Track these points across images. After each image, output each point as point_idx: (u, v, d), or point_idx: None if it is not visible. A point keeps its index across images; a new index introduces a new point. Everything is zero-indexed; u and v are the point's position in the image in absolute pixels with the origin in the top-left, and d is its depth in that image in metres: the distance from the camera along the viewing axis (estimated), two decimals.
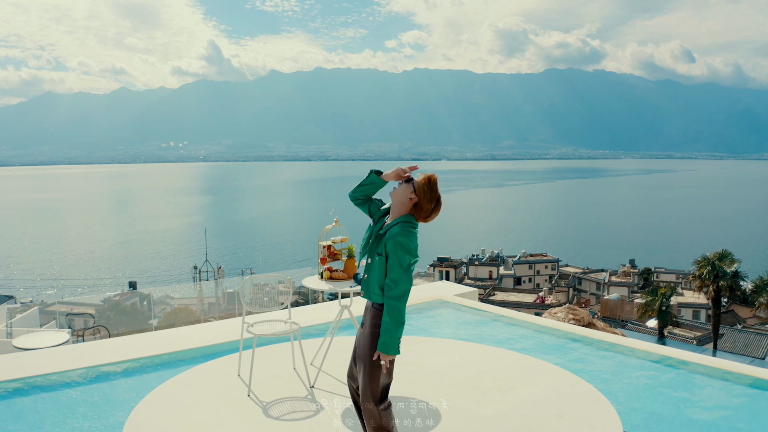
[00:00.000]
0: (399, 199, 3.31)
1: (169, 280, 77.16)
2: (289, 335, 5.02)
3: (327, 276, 5.07)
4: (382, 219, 3.52)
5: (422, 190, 3.27)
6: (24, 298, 53.64)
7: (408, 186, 3.29)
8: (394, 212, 3.36)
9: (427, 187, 3.27)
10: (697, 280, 25.92)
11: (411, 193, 3.29)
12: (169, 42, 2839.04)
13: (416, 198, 3.28)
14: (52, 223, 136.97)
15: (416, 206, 3.30)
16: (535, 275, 58.60)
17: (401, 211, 3.33)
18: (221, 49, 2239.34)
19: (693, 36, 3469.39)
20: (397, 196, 3.32)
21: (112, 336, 9.42)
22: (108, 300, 47.88)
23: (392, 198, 3.37)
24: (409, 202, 3.29)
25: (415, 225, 3.32)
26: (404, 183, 3.32)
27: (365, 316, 3.47)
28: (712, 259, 26.04)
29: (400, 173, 3.34)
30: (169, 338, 6.51)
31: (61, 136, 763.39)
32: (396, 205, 3.34)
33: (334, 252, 5.28)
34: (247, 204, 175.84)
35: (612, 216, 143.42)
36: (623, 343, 6.16)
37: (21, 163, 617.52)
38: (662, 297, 25.11)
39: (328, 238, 5.34)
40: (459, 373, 5.41)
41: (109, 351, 5.97)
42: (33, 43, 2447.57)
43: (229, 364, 5.60)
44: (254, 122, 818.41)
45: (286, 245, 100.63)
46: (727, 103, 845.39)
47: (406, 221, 3.27)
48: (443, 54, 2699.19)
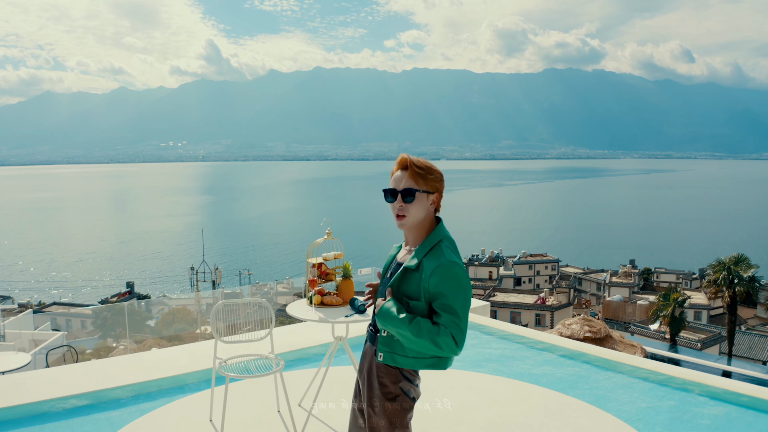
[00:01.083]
0: (416, 219, 2.40)
1: (167, 281, 76.93)
2: (273, 373, 4.20)
3: (317, 301, 4.20)
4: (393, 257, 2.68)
5: (435, 179, 2.40)
6: (21, 299, 53.39)
7: (421, 195, 2.38)
8: (415, 233, 2.45)
9: (432, 173, 2.40)
10: (712, 285, 24.43)
11: (429, 197, 2.41)
12: (168, 41, 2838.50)
13: (438, 196, 2.43)
14: (51, 222, 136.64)
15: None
16: (535, 275, 58.37)
17: (424, 225, 2.44)
18: (220, 49, 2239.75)
19: (692, 36, 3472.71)
20: (414, 216, 2.39)
21: (80, 360, 8.59)
22: (105, 301, 47.52)
23: (405, 223, 2.43)
24: (431, 208, 2.43)
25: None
26: (413, 196, 2.39)
27: (371, 369, 2.52)
28: (728, 263, 24.50)
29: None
30: (138, 364, 5.70)
31: (60, 136, 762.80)
32: (413, 226, 2.43)
33: (327, 271, 4.40)
34: (246, 204, 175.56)
35: (611, 216, 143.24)
36: (669, 372, 5.21)
37: (20, 163, 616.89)
38: (675, 303, 23.89)
39: (319, 254, 4.45)
40: (479, 418, 4.54)
41: (67, 381, 5.13)
42: (32, 42, 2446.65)
43: (201, 404, 4.78)
44: (253, 122, 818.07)
45: (286, 245, 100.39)
46: (727, 103, 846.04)
47: (444, 237, 2.40)
48: (442, 53, 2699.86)
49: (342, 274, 4.38)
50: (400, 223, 2.39)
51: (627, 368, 5.43)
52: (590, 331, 6.36)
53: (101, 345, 17.52)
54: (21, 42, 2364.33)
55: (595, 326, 6.38)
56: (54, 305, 44.84)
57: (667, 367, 5.36)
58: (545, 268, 59.14)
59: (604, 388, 5.15)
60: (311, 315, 4.07)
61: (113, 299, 43.11)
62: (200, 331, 16.84)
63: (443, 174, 2.41)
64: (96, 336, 18.12)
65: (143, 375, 5.28)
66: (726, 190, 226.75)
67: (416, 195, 2.34)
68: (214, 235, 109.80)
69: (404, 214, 2.36)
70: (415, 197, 2.34)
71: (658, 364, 5.51)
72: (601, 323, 6.46)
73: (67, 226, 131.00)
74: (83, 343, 18.42)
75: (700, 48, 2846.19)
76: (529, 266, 58.86)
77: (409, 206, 2.35)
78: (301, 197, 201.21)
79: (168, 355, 6.02)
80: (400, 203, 2.36)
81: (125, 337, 19.30)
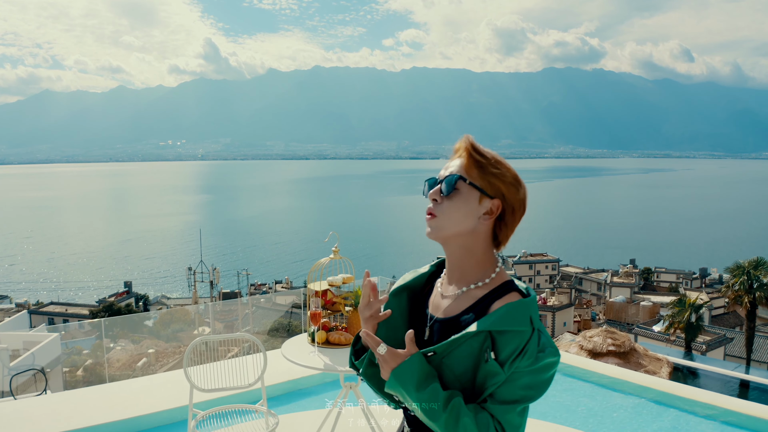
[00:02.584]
0: (453, 227, 1.45)
1: (165, 281, 76.66)
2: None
3: (322, 339, 3.36)
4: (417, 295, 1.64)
5: (500, 176, 1.45)
6: (19, 299, 53.13)
7: (470, 191, 1.44)
8: (460, 260, 1.50)
9: (498, 167, 1.45)
10: (730, 290, 23.46)
11: (484, 200, 1.45)
12: (167, 40, 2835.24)
13: (500, 205, 1.45)
14: (49, 221, 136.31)
15: (501, 221, 1.48)
16: (536, 275, 58.14)
17: (474, 251, 1.48)
18: (219, 48, 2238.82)
19: (692, 35, 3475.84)
20: (450, 220, 1.46)
21: (50, 383, 7.74)
22: (103, 301, 47.25)
23: (434, 227, 1.48)
24: (485, 223, 1.46)
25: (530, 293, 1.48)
26: (454, 186, 1.46)
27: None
28: (747, 268, 23.48)
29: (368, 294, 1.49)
30: (105, 398, 4.93)
31: (58, 135, 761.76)
32: (453, 242, 1.49)
33: (333, 300, 3.52)
34: (245, 203, 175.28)
35: (611, 215, 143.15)
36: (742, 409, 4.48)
37: (19, 162, 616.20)
38: (690, 308, 23.10)
39: (324, 277, 3.51)
40: None
41: (17, 421, 4.39)
42: (30, 41, 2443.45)
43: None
44: (252, 121, 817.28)
45: (285, 245, 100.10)
46: (726, 102, 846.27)
47: (517, 289, 1.44)
48: (441, 52, 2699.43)
49: (353, 303, 3.47)
50: (429, 225, 1.48)
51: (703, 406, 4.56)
52: (614, 344, 5.88)
53: (98, 345, 17.29)
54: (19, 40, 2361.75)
55: (619, 339, 5.88)
56: (51, 305, 44.61)
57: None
58: (545, 268, 58.94)
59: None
60: (313, 360, 3.22)
61: (111, 299, 42.88)
62: (198, 332, 16.61)
63: (523, 184, 1.46)
64: (93, 336, 17.88)
65: (109, 413, 4.52)
66: (725, 190, 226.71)
67: (459, 186, 1.43)
68: (213, 234, 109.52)
69: (434, 213, 1.46)
70: (457, 189, 1.43)
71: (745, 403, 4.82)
72: (624, 335, 6.00)
73: (66, 225, 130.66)
74: (80, 343, 18.14)
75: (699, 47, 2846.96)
76: (530, 266, 58.64)
77: (445, 202, 1.45)
78: (300, 196, 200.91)
79: (139, 388, 5.25)
80: (435, 194, 1.47)
81: (123, 338, 19.07)
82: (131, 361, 16.95)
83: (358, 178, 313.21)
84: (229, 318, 20.48)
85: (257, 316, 19.11)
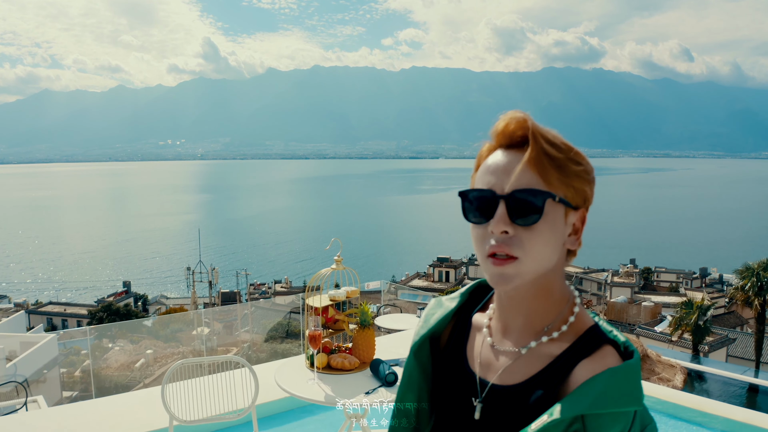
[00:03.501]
0: (539, 266, 0.91)
1: (164, 281, 76.52)
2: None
3: (322, 364, 2.87)
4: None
5: (585, 173, 0.96)
6: (18, 299, 52.98)
7: (556, 210, 0.90)
8: (524, 301, 0.97)
9: (581, 161, 0.96)
10: (740, 292, 22.83)
11: (569, 215, 0.93)
12: (166, 39, 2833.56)
13: (585, 217, 0.97)
14: (49, 221, 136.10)
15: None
16: None
17: (549, 288, 0.97)
18: (218, 47, 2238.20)
19: (692, 35, 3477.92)
20: (538, 259, 0.90)
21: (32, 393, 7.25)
22: (102, 300, 47.11)
23: (517, 274, 0.90)
24: (569, 245, 0.97)
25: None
26: (541, 210, 0.90)
27: None
28: (757, 269, 22.80)
29: None
30: (81, 417, 4.49)
31: (57, 134, 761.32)
32: (528, 296, 0.97)
33: (335, 318, 3.08)
34: (245, 202, 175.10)
35: (611, 215, 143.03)
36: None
37: (18, 161, 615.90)
38: (699, 310, 22.71)
39: (325, 290, 3.08)
40: None
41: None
42: (29, 40, 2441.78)
43: None
44: (252, 120, 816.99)
45: (284, 245, 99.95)
46: (726, 102, 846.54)
47: (599, 333, 0.94)
48: (440, 52, 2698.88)
49: (359, 320, 2.95)
50: (501, 272, 0.89)
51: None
52: None
53: (97, 346, 17.17)
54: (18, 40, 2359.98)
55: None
56: (50, 305, 44.48)
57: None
58: None
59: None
60: (312, 390, 2.70)
61: (110, 299, 42.72)
62: (197, 332, 16.49)
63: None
64: (92, 336, 17.77)
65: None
66: (725, 190, 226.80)
67: (546, 208, 0.89)
68: (212, 234, 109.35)
69: (513, 254, 0.88)
70: (544, 213, 0.89)
71: None
72: (636, 341, 5.72)
73: (65, 224, 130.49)
74: (78, 343, 18.00)
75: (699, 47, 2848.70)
76: None
77: (524, 233, 0.89)
78: (299, 196, 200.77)
79: (121, 404, 4.84)
80: (506, 224, 0.88)
81: (122, 338, 18.95)
82: (130, 362, 16.84)
83: (357, 177, 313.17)
84: (228, 318, 20.37)
85: (256, 316, 19.00)
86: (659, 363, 5.50)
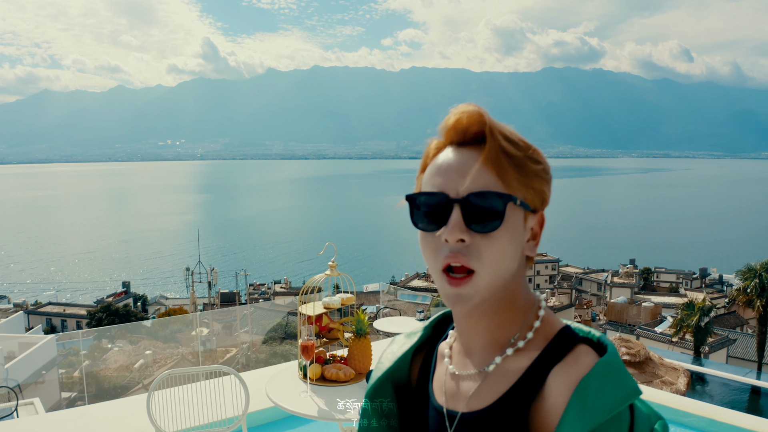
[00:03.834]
0: (498, 278, 0.81)
1: (163, 281, 76.43)
2: None
3: (316, 375, 2.72)
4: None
5: (543, 172, 0.86)
6: (17, 299, 52.92)
7: (516, 213, 0.81)
8: (490, 324, 0.87)
9: (538, 159, 0.87)
10: (742, 293, 22.52)
11: (528, 218, 0.85)
12: (165, 39, 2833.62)
13: (544, 219, 0.90)
14: (48, 221, 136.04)
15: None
16: (535, 275, 57.98)
17: (511, 298, 0.87)
18: (218, 47, 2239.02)
19: (691, 35, 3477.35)
20: (497, 270, 0.80)
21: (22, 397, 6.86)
22: (101, 301, 47.02)
23: (474, 291, 0.80)
24: (527, 251, 0.88)
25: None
26: (502, 215, 0.80)
27: None
28: (759, 270, 22.58)
29: None
30: (63, 427, 4.25)
31: (57, 134, 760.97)
32: (488, 312, 0.86)
33: (329, 327, 2.92)
34: (244, 203, 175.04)
35: (610, 215, 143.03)
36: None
37: (17, 161, 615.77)
38: (700, 312, 22.53)
39: (320, 297, 2.96)
40: None
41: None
42: (28, 40, 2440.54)
43: None
44: (251, 120, 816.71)
45: (284, 245, 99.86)
46: (725, 102, 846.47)
47: (570, 333, 0.85)
48: (440, 52, 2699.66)
49: (354, 329, 2.78)
50: (459, 290, 0.79)
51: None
52: (628, 354, 5.50)
53: (96, 346, 17.11)
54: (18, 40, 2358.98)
55: (634, 347, 5.39)
56: (49, 305, 44.41)
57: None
58: (545, 268, 58.77)
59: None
60: (305, 403, 2.51)
61: (109, 299, 42.66)
62: (196, 333, 16.43)
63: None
64: (91, 337, 17.71)
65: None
66: (725, 190, 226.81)
67: (507, 212, 0.80)
68: (212, 234, 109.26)
69: (470, 266, 0.78)
70: (505, 218, 0.79)
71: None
72: (639, 344, 5.61)
73: (65, 224, 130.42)
74: (77, 344, 17.95)
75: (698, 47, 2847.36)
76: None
77: (482, 241, 0.79)
78: (299, 196, 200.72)
79: (107, 412, 4.64)
80: (462, 231, 0.78)
81: (121, 338, 18.88)
82: (129, 362, 16.78)
83: (357, 177, 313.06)
84: (228, 318, 20.31)
85: (256, 317, 18.93)
86: (662, 366, 5.40)
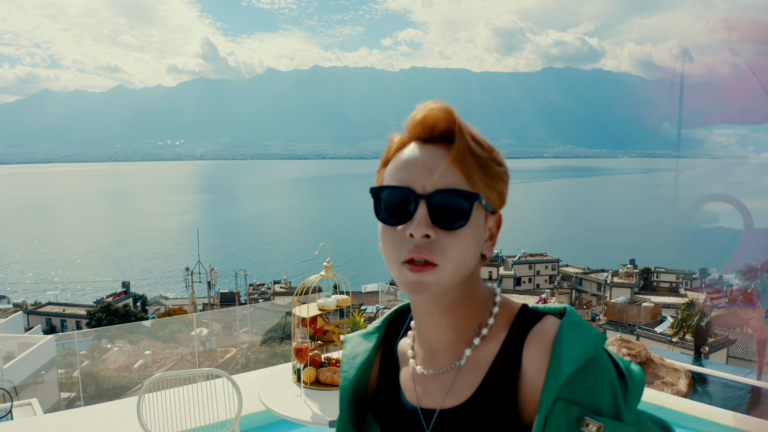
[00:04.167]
0: (459, 272, 0.81)
1: (163, 281, 76.41)
2: None
3: (310, 378, 2.65)
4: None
5: (503, 174, 0.88)
6: (17, 299, 52.89)
7: (479, 212, 0.83)
8: (453, 319, 0.87)
9: (500, 162, 0.88)
10: (743, 294, 23.04)
11: (489, 218, 0.87)
12: (165, 39, 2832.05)
13: (501, 220, 0.93)
14: (48, 221, 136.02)
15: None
16: (535, 275, 57.96)
17: (473, 297, 0.88)
18: (217, 47, 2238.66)
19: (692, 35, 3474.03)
20: (460, 264, 0.81)
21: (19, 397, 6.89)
22: (101, 301, 46.96)
23: (436, 281, 0.80)
24: (485, 248, 0.88)
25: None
26: (468, 214, 0.82)
27: None
28: (760, 270, 23.00)
29: None
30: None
31: (57, 134, 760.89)
32: (449, 308, 0.86)
33: (324, 329, 2.85)
34: (244, 203, 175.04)
35: (610, 215, 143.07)
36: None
37: (17, 161, 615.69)
38: (700, 312, 22.38)
39: (314, 299, 2.85)
40: None
41: None
42: (28, 40, 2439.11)
43: None
44: (251, 120, 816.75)
45: (284, 245, 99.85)
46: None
47: (529, 310, 0.90)
48: (440, 52, 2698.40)
49: (350, 331, 2.76)
50: (420, 280, 0.79)
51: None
52: (629, 354, 5.46)
53: (95, 347, 17.09)
54: (17, 40, 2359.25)
55: (635, 348, 5.41)
56: (49, 305, 44.38)
57: None
58: (545, 268, 58.76)
59: None
60: (298, 408, 2.45)
61: (108, 299, 42.63)
62: (195, 333, 16.41)
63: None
64: (90, 337, 17.70)
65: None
66: (724, 190, 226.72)
67: (473, 212, 0.81)
68: (212, 234, 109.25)
69: (433, 261, 0.78)
70: (471, 217, 0.81)
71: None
72: (640, 345, 5.60)
73: (65, 224, 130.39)
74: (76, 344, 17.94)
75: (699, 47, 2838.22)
76: (529, 266, 58.47)
77: (446, 238, 0.79)
78: (299, 196, 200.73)
79: (97, 416, 4.50)
80: (428, 227, 0.78)
81: (121, 338, 18.86)
82: (129, 362, 16.75)
83: (357, 177, 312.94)
84: (227, 318, 20.29)
85: (255, 317, 18.91)
86: (663, 367, 5.37)
